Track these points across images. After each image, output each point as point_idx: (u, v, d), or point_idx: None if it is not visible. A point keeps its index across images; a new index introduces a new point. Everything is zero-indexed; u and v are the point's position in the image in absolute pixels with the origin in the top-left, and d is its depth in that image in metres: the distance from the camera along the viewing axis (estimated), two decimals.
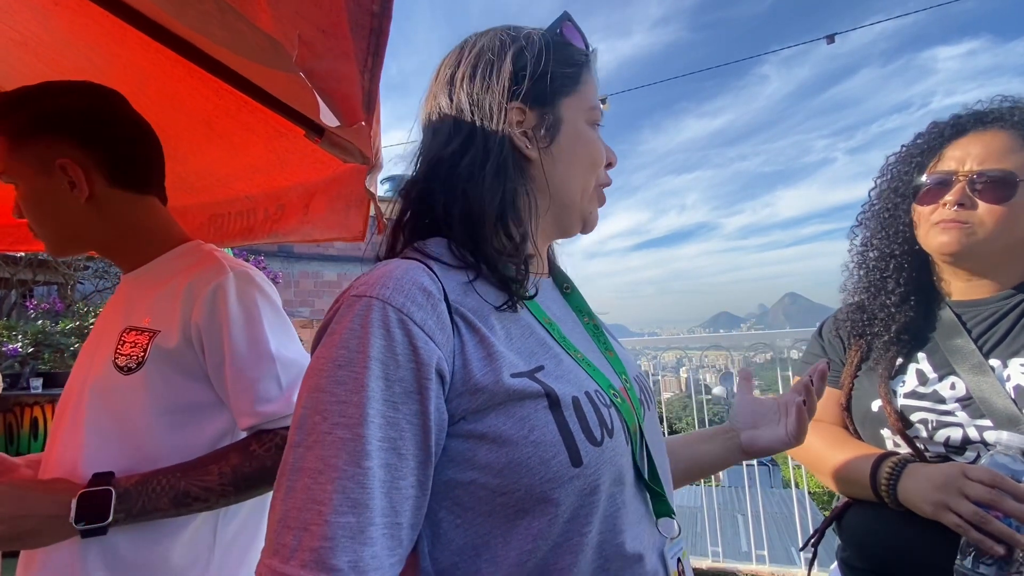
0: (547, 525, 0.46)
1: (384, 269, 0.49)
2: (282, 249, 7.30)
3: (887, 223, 0.99)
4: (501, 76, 0.58)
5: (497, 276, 0.54)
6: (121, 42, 0.89)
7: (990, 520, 0.71)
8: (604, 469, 0.48)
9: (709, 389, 6.59)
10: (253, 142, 1.08)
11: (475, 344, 0.49)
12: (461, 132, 0.57)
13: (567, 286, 0.70)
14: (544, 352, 0.53)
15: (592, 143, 0.63)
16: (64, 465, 0.81)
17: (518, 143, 0.58)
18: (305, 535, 0.40)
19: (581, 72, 0.62)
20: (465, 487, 0.47)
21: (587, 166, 0.62)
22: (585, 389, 0.51)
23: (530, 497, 0.45)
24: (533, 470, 0.45)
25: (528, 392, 0.48)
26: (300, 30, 0.55)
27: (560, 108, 0.60)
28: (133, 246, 0.93)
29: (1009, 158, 0.85)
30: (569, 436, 0.47)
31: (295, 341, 0.89)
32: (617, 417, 0.53)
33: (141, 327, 0.85)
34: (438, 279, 0.50)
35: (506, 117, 0.57)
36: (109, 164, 0.88)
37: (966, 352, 0.87)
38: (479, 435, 0.46)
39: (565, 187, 0.61)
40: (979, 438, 0.81)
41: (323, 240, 1.27)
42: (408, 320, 0.45)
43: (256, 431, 0.82)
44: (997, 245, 0.87)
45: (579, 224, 0.65)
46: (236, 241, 1.36)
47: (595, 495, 0.47)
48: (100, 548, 0.77)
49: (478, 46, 0.60)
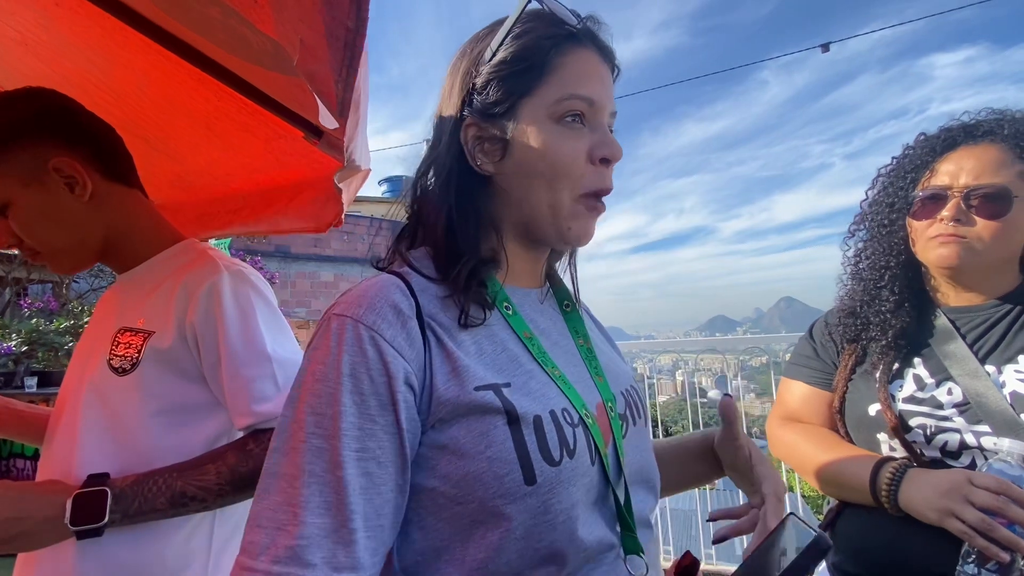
0: (500, 539, 0.47)
1: (361, 288, 0.52)
2: (279, 249, 7.29)
3: (881, 236, 1.00)
4: (453, 93, 0.58)
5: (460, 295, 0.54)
6: (122, 44, 0.89)
7: (996, 527, 0.71)
8: (560, 489, 0.48)
9: (705, 392, 6.61)
10: (251, 143, 1.08)
11: (442, 359, 0.50)
12: (430, 152, 0.60)
13: (568, 305, 0.67)
14: (514, 368, 0.53)
15: (553, 145, 0.54)
16: (60, 467, 0.81)
17: (471, 159, 0.57)
18: (280, 534, 0.42)
19: (549, 58, 0.54)
20: (428, 493, 0.49)
21: (548, 177, 0.55)
22: (551, 408, 0.51)
23: (483, 510, 0.47)
24: (487, 484, 0.47)
25: (489, 407, 0.49)
26: (301, 34, 0.56)
27: (518, 112, 0.55)
28: (128, 245, 0.92)
29: (1002, 172, 0.85)
30: (525, 455, 0.48)
31: (291, 340, 0.89)
32: (583, 436, 0.52)
33: (135, 328, 0.85)
34: (413, 295, 0.52)
35: (461, 133, 0.57)
36: (97, 158, 0.87)
37: (962, 357, 0.88)
38: (441, 445, 0.48)
39: (526, 202, 0.57)
40: (976, 443, 0.82)
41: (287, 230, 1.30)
42: (379, 337, 0.47)
43: (253, 430, 0.82)
44: (993, 259, 0.88)
45: (557, 240, 0.59)
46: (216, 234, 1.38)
47: (549, 514, 0.47)
48: (95, 549, 0.76)
49: (454, 57, 0.61)
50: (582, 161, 0.55)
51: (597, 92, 0.56)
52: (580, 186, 0.56)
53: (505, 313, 0.57)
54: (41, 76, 1.02)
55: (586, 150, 0.56)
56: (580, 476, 0.50)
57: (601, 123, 0.57)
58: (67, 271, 0.93)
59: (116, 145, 0.93)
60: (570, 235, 0.57)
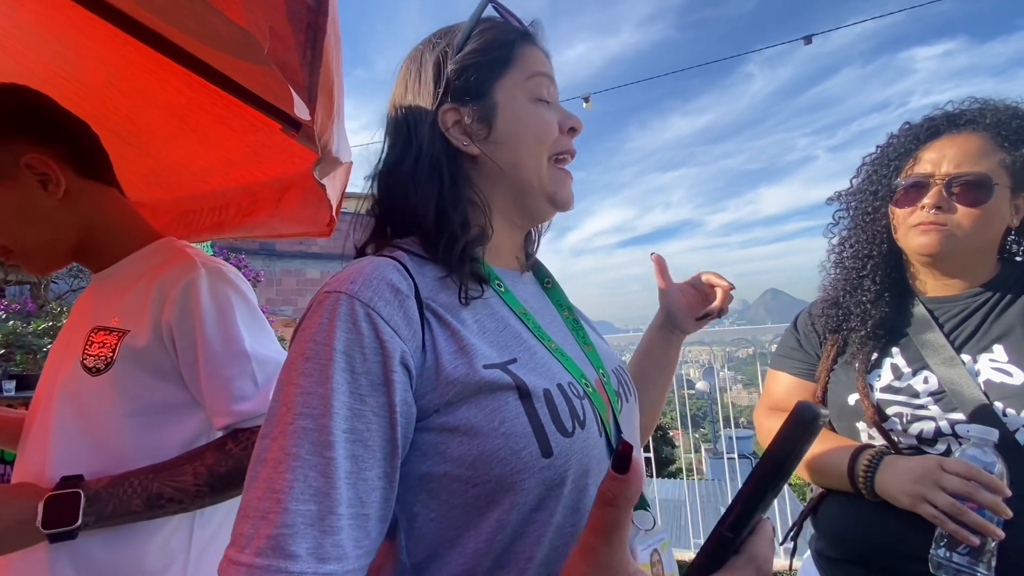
0: (509, 513, 0.47)
1: (356, 266, 0.50)
2: (264, 247, 7.20)
3: (864, 224, 1.01)
4: (424, 83, 0.60)
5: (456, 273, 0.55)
6: (89, 34, 0.87)
7: (966, 511, 0.72)
8: (574, 460, 0.49)
9: (693, 384, 6.68)
10: (228, 136, 1.06)
11: (446, 338, 0.50)
12: (398, 144, 0.60)
13: (548, 281, 0.70)
14: (518, 344, 0.54)
15: (534, 117, 0.60)
16: (33, 470, 0.79)
17: (455, 143, 0.59)
18: (263, 523, 0.40)
19: (514, 49, 0.61)
20: (439, 480, 0.47)
21: (533, 143, 0.60)
22: (558, 381, 0.52)
23: (500, 488, 0.46)
24: (504, 461, 0.46)
25: (500, 384, 0.48)
26: (272, 21, 0.54)
27: (494, 93, 0.59)
28: (104, 243, 0.90)
29: (983, 160, 0.86)
30: (540, 427, 0.47)
31: (271, 338, 0.88)
32: (590, 408, 0.53)
33: (109, 327, 0.83)
34: (410, 276, 0.51)
35: (439, 120, 0.59)
36: (72, 155, 0.86)
37: (938, 346, 0.89)
38: (451, 428, 0.47)
39: (516, 170, 0.60)
40: (950, 431, 0.83)
41: (288, 234, 1.25)
42: (375, 314, 0.46)
43: (232, 430, 0.81)
44: (972, 247, 0.89)
45: (546, 204, 0.63)
46: (204, 236, 1.34)
47: (562, 486, 0.48)
48: (70, 552, 0.75)
49: (406, 61, 0.63)
50: (555, 130, 0.62)
51: (551, 73, 0.63)
52: (552, 149, 0.62)
53: (498, 291, 0.58)
54: (8, 71, 0.99)
55: (558, 120, 0.62)
56: (591, 446, 0.51)
57: (556, 100, 0.64)
58: (40, 271, 0.91)
59: (91, 142, 0.91)
60: (557, 198, 0.62)
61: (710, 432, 23.92)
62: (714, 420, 9.74)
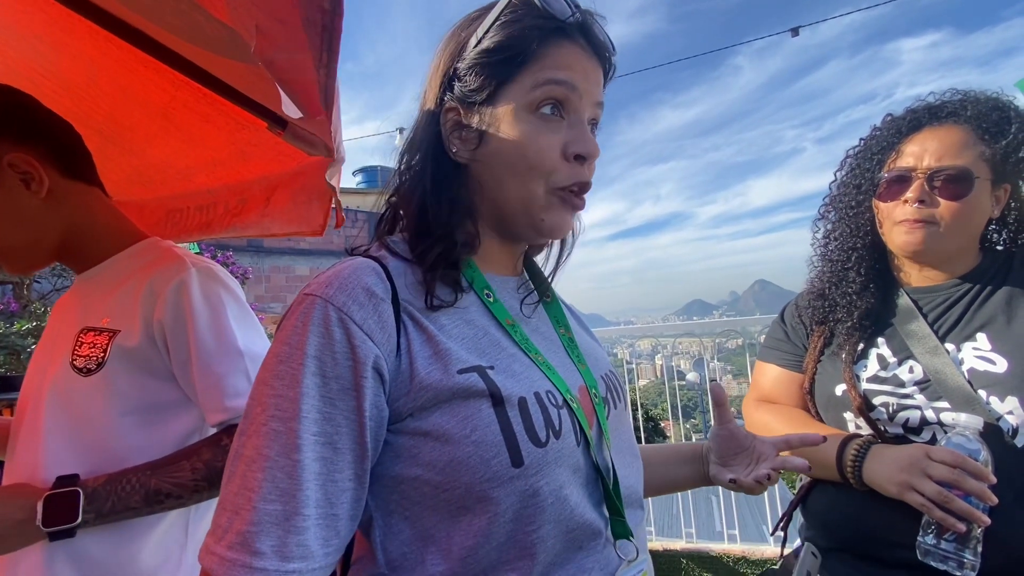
0: (488, 524, 0.46)
1: (335, 269, 0.50)
2: (252, 244, 7.13)
3: (848, 217, 1.02)
4: (436, 75, 0.57)
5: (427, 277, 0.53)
6: (70, 31, 0.85)
7: (952, 499, 0.74)
8: (547, 470, 0.48)
9: (683, 375, 6.73)
10: (213, 135, 1.05)
11: (422, 342, 0.49)
12: (410, 135, 0.59)
13: (548, 295, 0.67)
14: (497, 351, 0.53)
15: (525, 142, 0.53)
16: (25, 472, 0.79)
17: (447, 145, 0.56)
18: (236, 518, 0.42)
19: (536, 46, 0.53)
20: (411, 482, 0.48)
21: (522, 168, 0.53)
22: (535, 389, 0.51)
23: (470, 495, 0.46)
24: (473, 469, 0.46)
25: (473, 391, 0.48)
26: (257, 20, 0.54)
27: (496, 101, 0.54)
28: (88, 244, 0.90)
29: (964, 154, 0.87)
30: (511, 436, 0.47)
31: (262, 336, 0.89)
32: (568, 417, 0.52)
33: (99, 327, 0.83)
34: (389, 279, 0.51)
35: (441, 118, 0.56)
36: (55, 155, 0.85)
37: (922, 336, 0.91)
38: (423, 432, 0.47)
39: (498, 195, 0.56)
40: (936, 419, 0.85)
41: (281, 234, 1.25)
42: (347, 319, 0.46)
43: (227, 426, 0.81)
44: (955, 240, 0.90)
45: (531, 232, 0.57)
46: (194, 236, 1.33)
47: (538, 496, 0.47)
48: (68, 550, 0.75)
49: (443, 40, 0.59)
50: (555, 155, 0.54)
51: (577, 80, 0.54)
52: (553, 180, 0.54)
53: (486, 300, 0.57)
54: None
55: (560, 145, 0.54)
56: (567, 456, 0.50)
57: (580, 115, 0.55)
58: (21, 270, 0.90)
59: (75, 142, 0.90)
60: (543, 227, 0.56)
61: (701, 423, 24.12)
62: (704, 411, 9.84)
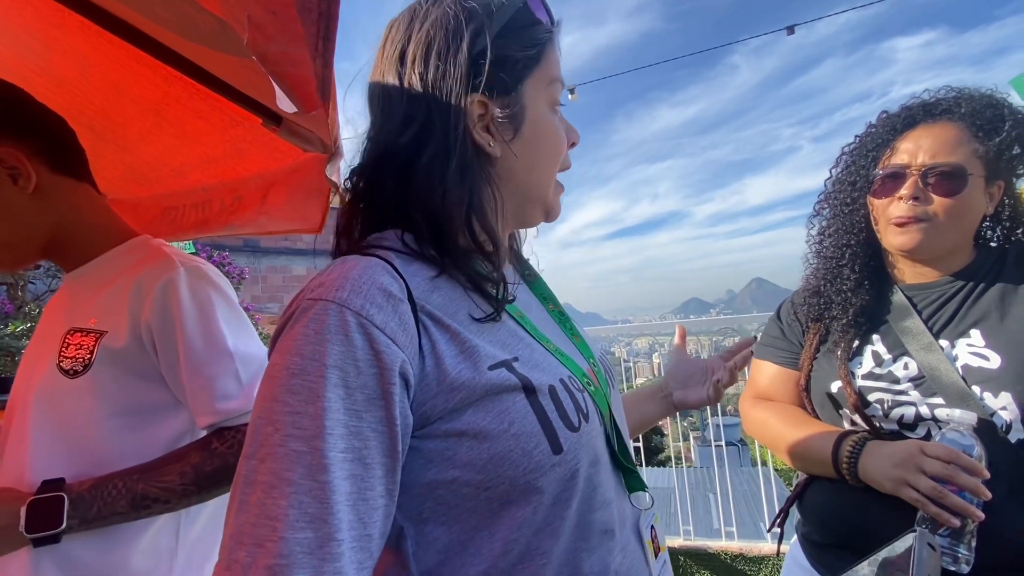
0: (531, 513, 0.46)
1: (341, 269, 0.46)
2: (248, 243, 7.10)
3: (843, 214, 1.02)
4: (458, 63, 0.52)
5: (465, 275, 0.52)
6: (60, 26, 0.84)
7: (947, 494, 0.74)
8: (582, 453, 0.49)
9: None
10: (207, 131, 1.04)
11: (447, 341, 0.47)
12: (415, 122, 0.52)
13: (530, 274, 0.69)
14: (517, 343, 0.53)
15: (555, 131, 0.59)
16: (11, 475, 0.77)
17: (480, 141, 0.53)
18: (259, 552, 0.38)
19: (544, 49, 0.57)
20: (448, 486, 0.46)
21: (551, 157, 0.59)
22: (560, 376, 0.52)
23: (514, 489, 0.46)
24: (516, 462, 0.45)
25: (506, 385, 0.47)
26: (250, 11, 0.53)
27: (523, 95, 0.55)
28: (78, 241, 0.89)
29: (958, 151, 0.87)
30: (548, 425, 0.47)
31: (253, 336, 0.87)
32: (590, 401, 0.54)
33: (86, 328, 0.81)
34: (401, 276, 0.47)
35: (467, 111, 0.52)
36: (45, 150, 0.84)
37: (917, 332, 0.91)
38: (458, 433, 0.45)
39: (530, 182, 0.58)
40: (930, 415, 0.85)
41: (279, 232, 1.23)
42: (368, 323, 0.42)
43: (217, 428, 0.80)
44: (950, 237, 0.90)
45: (542, 216, 0.62)
46: (190, 234, 1.31)
47: (575, 479, 0.48)
48: (53, 556, 0.74)
49: (430, 19, 0.53)
50: (565, 143, 0.61)
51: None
52: (561, 165, 0.61)
53: None
54: None
55: (563, 133, 0.61)
56: (595, 437, 0.52)
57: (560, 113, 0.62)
58: (8, 267, 0.89)
59: (66, 138, 0.89)
60: (554, 209, 0.62)
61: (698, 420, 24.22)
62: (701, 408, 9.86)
